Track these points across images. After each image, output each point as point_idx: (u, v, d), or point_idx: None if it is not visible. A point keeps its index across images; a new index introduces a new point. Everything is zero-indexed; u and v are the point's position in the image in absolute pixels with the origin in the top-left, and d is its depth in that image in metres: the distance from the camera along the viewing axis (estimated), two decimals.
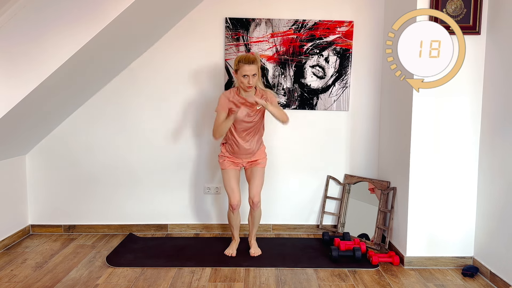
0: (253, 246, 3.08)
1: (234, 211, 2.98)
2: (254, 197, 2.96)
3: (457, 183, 2.81)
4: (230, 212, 3.01)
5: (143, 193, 3.51)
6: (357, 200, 3.40)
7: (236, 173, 3.01)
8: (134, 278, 2.66)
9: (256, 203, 2.97)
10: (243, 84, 2.83)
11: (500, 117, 2.59)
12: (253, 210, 3.01)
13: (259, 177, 3.00)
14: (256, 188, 2.98)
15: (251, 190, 2.98)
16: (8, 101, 2.55)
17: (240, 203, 2.98)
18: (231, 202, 2.96)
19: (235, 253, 3.03)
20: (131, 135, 3.46)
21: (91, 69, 2.99)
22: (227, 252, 3.03)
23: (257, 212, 3.02)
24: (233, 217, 3.02)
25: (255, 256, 3.01)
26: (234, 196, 2.95)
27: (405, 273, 2.77)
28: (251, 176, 3.02)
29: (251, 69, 2.78)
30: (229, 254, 3.02)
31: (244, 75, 2.79)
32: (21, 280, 2.63)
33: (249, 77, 2.79)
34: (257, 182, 2.99)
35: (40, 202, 3.48)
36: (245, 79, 2.80)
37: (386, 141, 3.34)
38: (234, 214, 3.00)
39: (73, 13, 2.49)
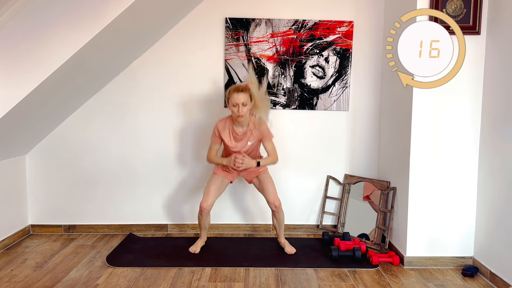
0: (286, 245, 3.10)
1: (203, 213, 3.00)
2: (275, 202, 3.01)
3: (457, 183, 2.82)
4: (199, 215, 3.04)
5: (143, 193, 3.51)
6: (357, 200, 3.40)
7: (223, 182, 3.06)
8: (134, 278, 2.66)
9: (278, 206, 3.01)
10: (233, 113, 2.87)
11: (500, 117, 2.59)
12: (277, 213, 3.04)
13: (269, 182, 3.05)
14: (273, 194, 3.02)
15: (269, 197, 3.02)
16: (8, 101, 2.56)
17: (209, 208, 3.00)
18: (201, 204, 2.98)
19: (198, 250, 3.05)
20: (131, 135, 3.46)
21: (91, 69, 2.99)
22: (191, 249, 3.06)
23: (280, 214, 3.06)
24: (202, 219, 3.06)
25: (292, 253, 3.04)
26: (207, 199, 2.97)
27: (405, 273, 2.77)
28: (261, 185, 3.06)
29: (240, 98, 2.81)
30: (193, 251, 3.04)
31: (234, 104, 2.83)
32: (21, 280, 2.63)
33: (238, 106, 2.82)
34: (270, 188, 3.03)
35: (40, 202, 3.48)
36: (235, 108, 2.84)
37: (386, 141, 3.34)
38: (202, 217, 3.03)
39: (73, 13, 2.49)
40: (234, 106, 2.84)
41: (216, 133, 3.00)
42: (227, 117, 3.03)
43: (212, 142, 3.04)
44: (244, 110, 2.83)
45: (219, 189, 3.05)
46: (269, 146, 3.04)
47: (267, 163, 3.03)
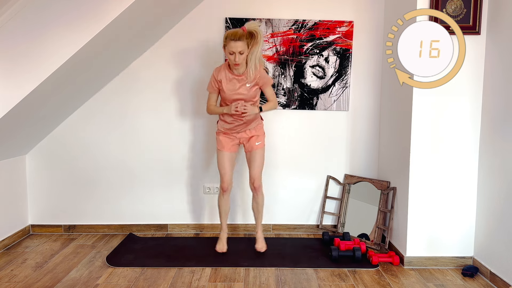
0: (259, 240, 3.05)
1: (225, 193, 2.95)
2: (255, 180, 2.93)
3: (457, 183, 2.82)
4: (220, 196, 2.99)
5: (143, 193, 3.51)
6: (357, 200, 3.40)
7: (231, 156, 2.99)
8: (134, 278, 2.66)
9: (257, 186, 2.94)
10: (230, 60, 2.79)
11: (500, 117, 2.59)
12: (255, 194, 2.98)
13: (258, 158, 2.96)
14: (257, 169, 2.94)
15: (251, 172, 2.96)
16: (8, 101, 2.55)
17: (231, 185, 2.96)
18: (222, 184, 2.93)
19: (225, 248, 3.01)
20: (131, 135, 3.46)
21: (91, 69, 2.99)
22: (218, 248, 3.02)
23: (260, 197, 2.99)
24: (223, 202, 3.01)
25: (261, 251, 2.99)
26: (226, 178, 2.93)
27: (405, 273, 2.77)
28: (250, 159, 3.00)
29: (237, 46, 2.70)
30: (220, 250, 3.01)
31: (231, 52, 2.74)
32: (21, 280, 2.63)
33: (235, 54, 2.72)
34: (257, 163, 2.95)
35: (40, 202, 3.48)
36: (231, 56, 2.75)
37: (386, 141, 3.34)
38: (224, 198, 2.99)
39: (73, 13, 2.49)
40: (230, 54, 2.75)
41: (213, 80, 2.90)
42: (223, 64, 2.95)
43: (210, 90, 2.94)
44: (241, 58, 2.75)
45: (231, 164, 3.00)
46: (269, 92, 2.95)
47: (269, 107, 2.95)
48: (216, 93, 2.95)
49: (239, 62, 2.75)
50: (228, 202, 3.05)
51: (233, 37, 2.71)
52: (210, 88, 2.94)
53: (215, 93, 2.95)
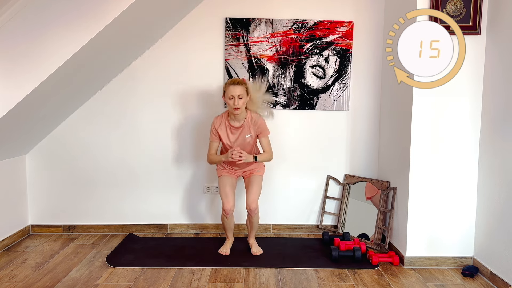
0: (253, 246, 3.09)
1: (227, 215, 2.98)
2: (251, 204, 2.96)
3: (457, 183, 2.81)
4: (223, 217, 3.02)
5: (143, 193, 3.51)
6: (357, 200, 3.40)
7: (232, 180, 3.05)
8: (134, 278, 2.66)
9: (253, 210, 2.97)
10: (229, 106, 2.87)
11: (500, 117, 2.59)
12: (251, 216, 3.01)
13: (256, 184, 3.02)
14: (253, 195, 2.98)
15: (248, 197, 3.00)
16: (8, 101, 2.55)
17: (233, 208, 2.98)
18: (224, 207, 2.96)
19: (229, 252, 3.04)
20: (131, 135, 3.46)
21: (91, 69, 2.99)
22: (221, 251, 3.04)
23: (255, 217, 3.02)
24: (227, 222, 3.04)
25: (257, 255, 3.01)
26: (228, 202, 2.95)
27: (405, 273, 2.77)
28: (248, 184, 3.05)
29: (236, 90, 2.82)
30: (223, 253, 3.03)
31: (230, 97, 2.83)
32: (21, 280, 2.63)
33: (234, 98, 2.82)
34: (254, 189, 3.00)
35: (40, 202, 3.48)
36: (231, 101, 2.85)
37: (386, 141, 3.34)
38: (227, 219, 3.01)
39: (73, 13, 2.49)
40: (230, 99, 2.84)
41: (213, 130, 3.00)
42: (223, 113, 3.03)
43: (210, 140, 3.04)
44: (240, 102, 2.83)
45: (233, 187, 3.04)
46: (265, 142, 3.02)
47: (264, 158, 3.01)
48: (217, 141, 3.04)
49: (239, 107, 2.83)
50: (232, 220, 3.07)
51: (232, 82, 2.86)
52: (211, 137, 3.04)
53: (215, 142, 3.03)
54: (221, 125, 2.98)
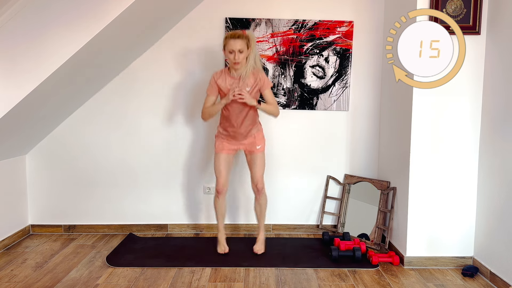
0: (259, 242, 3.05)
1: (220, 195, 2.95)
2: (258, 183, 2.94)
3: (457, 183, 2.81)
4: (216, 198, 2.99)
5: (143, 193, 3.51)
6: (357, 200, 3.40)
7: (228, 158, 2.99)
8: (134, 278, 2.66)
9: (260, 188, 2.95)
10: (230, 60, 2.79)
11: (500, 117, 2.59)
12: (258, 196, 2.98)
13: (259, 161, 2.97)
14: (258, 173, 2.95)
15: (253, 176, 2.96)
16: (8, 101, 2.55)
17: (226, 188, 2.95)
18: (217, 186, 2.93)
19: (227, 248, 3.01)
20: (131, 135, 3.46)
21: (91, 69, 2.99)
22: (220, 250, 3.02)
23: (263, 198, 2.99)
24: (219, 204, 3.00)
25: (258, 253, 2.99)
26: (220, 180, 2.92)
27: (405, 273, 2.77)
28: (251, 162, 3.00)
29: (237, 44, 2.72)
30: (222, 251, 3.01)
31: (230, 50, 2.75)
32: (21, 280, 2.63)
33: (235, 52, 2.73)
34: (258, 167, 2.96)
35: (40, 202, 3.48)
36: (231, 55, 2.75)
37: (386, 141, 3.34)
38: (219, 200, 2.98)
39: (73, 13, 2.48)
40: (230, 53, 2.76)
41: (212, 82, 2.89)
42: (223, 68, 2.96)
43: (208, 93, 2.91)
44: (240, 57, 2.74)
45: (228, 166, 3.00)
46: (269, 95, 2.90)
47: (268, 108, 2.88)
48: (215, 95, 2.92)
49: (239, 61, 2.75)
50: (224, 204, 3.05)
51: (232, 36, 2.75)
52: (209, 90, 2.92)
53: (213, 96, 2.92)
54: (221, 77, 2.88)
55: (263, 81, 2.87)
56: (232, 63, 2.79)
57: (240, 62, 2.77)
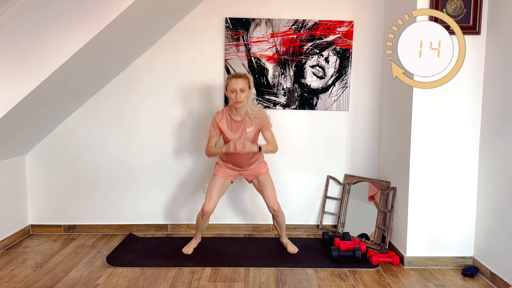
0: (288, 244, 3.11)
1: (204, 216, 2.98)
2: (274, 206, 3.00)
3: (457, 183, 2.82)
4: (199, 216, 3.02)
5: (143, 193, 3.51)
6: (357, 200, 3.40)
7: (225, 182, 3.03)
8: (134, 278, 2.66)
9: (277, 210, 3.00)
10: (231, 100, 2.86)
11: (500, 117, 2.59)
12: (276, 216, 3.04)
13: (268, 183, 3.02)
14: (272, 197, 3.01)
15: (268, 200, 3.01)
16: (8, 101, 2.55)
17: (212, 211, 2.98)
18: (204, 207, 2.96)
19: (191, 251, 3.04)
20: (131, 135, 3.46)
21: (91, 69, 2.99)
22: (184, 250, 3.04)
23: (280, 217, 3.05)
24: (201, 222, 3.05)
25: (294, 253, 3.04)
26: (209, 203, 2.95)
27: (405, 273, 2.77)
28: (261, 188, 3.04)
29: (238, 84, 2.80)
30: (186, 252, 3.03)
31: (232, 90, 2.82)
32: (21, 280, 2.63)
33: (236, 92, 2.80)
34: (269, 190, 3.01)
35: (40, 202, 3.48)
36: (233, 94, 2.83)
37: (386, 141, 3.34)
38: (203, 220, 3.03)
39: (73, 13, 2.49)
40: (232, 92, 2.82)
41: (214, 124, 2.97)
42: (224, 108, 3.01)
43: (210, 134, 2.99)
44: (242, 96, 2.80)
45: (221, 191, 3.03)
46: (269, 135, 2.98)
47: (268, 148, 2.97)
48: (217, 136, 3.01)
49: (241, 100, 2.81)
50: (206, 222, 3.11)
51: (234, 76, 2.84)
52: (211, 131, 2.99)
53: (216, 137, 3.00)
54: (222, 119, 2.95)
55: (263, 123, 2.94)
56: (234, 102, 2.85)
57: (242, 102, 2.83)
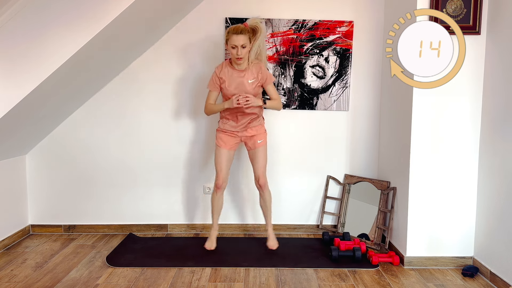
0: (270, 237, 3.06)
1: (218, 191, 2.95)
2: (260, 178, 2.94)
3: (457, 183, 2.82)
4: (214, 193, 3.00)
5: (143, 193, 3.51)
6: (357, 200, 3.40)
7: (229, 154, 2.99)
8: (134, 278, 2.66)
9: (263, 184, 2.95)
10: (232, 55, 2.79)
11: (500, 117, 2.59)
12: (262, 192, 2.98)
13: (261, 156, 2.97)
14: (261, 168, 2.95)
15: (256, 171, 2.96)
16: (8, 101, 2.55)
17: (225, 183, 2.95)
18: (216, 181, 2.93)
19: (214, 246, 3.01)
20: (131, 135, 3.46)
21: (91, 69, 2.99)
22: (207, 246, 3.03)
23: (267, 193, 2.99)
24: (216, 199, 3.01)
25: (273, 249, 3.00)
26: (220, 175, 2.92)
27: (405, 273, 2.77)
28: (253, 157, 3.00)
29: (239, 39, 2.72)
30: (209, 248, 3.01)
31: (233, 46, 2.74)
32: (21, 280, 2.63)
33: (237, 48, 2.73)
34: (260, 162, 2.96)
35: (40, 202, 3.48)
36: (233, 50, 2.75)
37: (386, 141, 3.34)
38: (217, 195, 2.99)
39: (73, 13, 2.49)
40: (233, 48, 2.76)
41: (214, 77, 2.89)
42: (224, 61, 2.95)
43: (210, 88, 2.91)
44: (243, 52, 2.75)
45: (228, 161, 2.99)
46: (272, 89, 2.91)
47: (273, 104, 2.90)
48: (217, 91, 2.93)
49: (242, 56, 2.75)
50: (221, 200, 3.05)
51: (235, 31, 2.74)
52: (211, 85, 2.91)
53: (215, 91, 2.92)
54: (222, 70, 2.87)
55: (265, 76, 2.87)
56: (234, 58, 2.78)
57: (243, 57, 2.76)
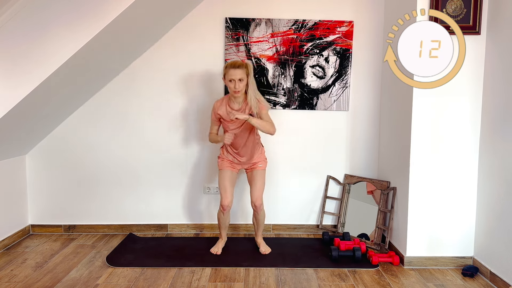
0: (261, 245, 3.10)
1: (224, 212, 2.99)
2: (256, 201, 2.98)
3: (457, 183, 2.82)
4: (220, 213, 3.03)
5: (143, 193, 3.51)
6: (357, 200, 3.40)
7: (232, 174, 3.04)
8: (134, 278, 2.66)
9: (259, 206, 2.98)
10: (230, 89, 2.86)
11: (500, 117, 2.59)
12: (256, 213, 3.02)
13: (260, 180, 3.02)
14: (258, 192, 2.99)
15: (253, 193, 3.00)
16: (8, 101, 2.56)
17: (231, 204, 2.99)
18: (222, 202, 2.97)
19: (220, 251, 3.04)
20: (131, 135, 3.46)
21: (91, 69, 2.99)
22: (213, 250, 3.05)
23: (261, 214, 3.04)
24: (223, 218, 3.04)
25: (266, 253, 3.03)
26: (226, 196, 2.96)
27: (405, 273, 2.77)
28: (252, 180, 3.05)
29: (237, 73, 2.80)
30: (214, 252, 3.04)
31: (230, 79, 2.82)
32: (21, 280, 2.63)
33: (235, 81, 2.81)
34: (258, 186, 3.00)
35: (40, 202, 3.48)
36: (231, 84, 2.83)
37: (386, 141, 3.34)
38: (224, 215, 3.02)
39: (73, 13, 2.49)
40: (230, 82, 2.83)
41: (213, 113, 3.01)
42: (223, 97, 3.03)
43: (211, 122, 3.06)
44: (240, 85, 2.82)
45: (232, 182, 3.04)
46: (266, 116, 2.91)
47: (262, 123, 2.84)
48: (217, 124, 3.05)
49: (239, 89, 2.82)
50: (228, 218, 3.09)
51: (232, 65, 2.83)
52: (212, 118, 3.05)
53: (216, 125, 3.05)
54: (221, 106, 2.97)
55: (261, 106, 2.92)
56: (232, 91, 2.85)
57: (240, 91, 2.84)
